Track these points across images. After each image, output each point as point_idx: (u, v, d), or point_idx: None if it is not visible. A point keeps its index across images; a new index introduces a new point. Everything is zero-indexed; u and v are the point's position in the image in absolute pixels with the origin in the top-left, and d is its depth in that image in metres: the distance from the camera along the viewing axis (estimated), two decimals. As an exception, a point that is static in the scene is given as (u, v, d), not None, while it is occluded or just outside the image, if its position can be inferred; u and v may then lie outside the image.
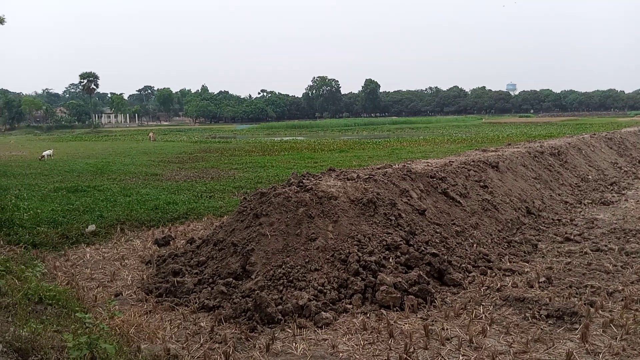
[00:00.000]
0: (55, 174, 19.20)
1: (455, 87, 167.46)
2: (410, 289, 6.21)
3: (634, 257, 7.91)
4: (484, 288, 6.61)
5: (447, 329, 5.41)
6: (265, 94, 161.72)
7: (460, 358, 4.83)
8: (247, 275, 6.60)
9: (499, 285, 6.62)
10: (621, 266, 7.47)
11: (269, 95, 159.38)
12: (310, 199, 7.38)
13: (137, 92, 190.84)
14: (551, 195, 12.84)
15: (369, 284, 6.28)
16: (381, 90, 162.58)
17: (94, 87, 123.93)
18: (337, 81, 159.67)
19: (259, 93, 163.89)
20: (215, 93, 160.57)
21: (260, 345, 5.12)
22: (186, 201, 12.69)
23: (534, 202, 11.58)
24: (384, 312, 5.88)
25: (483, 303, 6.14)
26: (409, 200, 8.47)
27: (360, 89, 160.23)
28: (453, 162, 11.82)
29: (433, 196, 9.22)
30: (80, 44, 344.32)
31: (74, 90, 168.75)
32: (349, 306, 6.01)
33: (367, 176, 8.59)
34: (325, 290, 6.18)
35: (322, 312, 5.70)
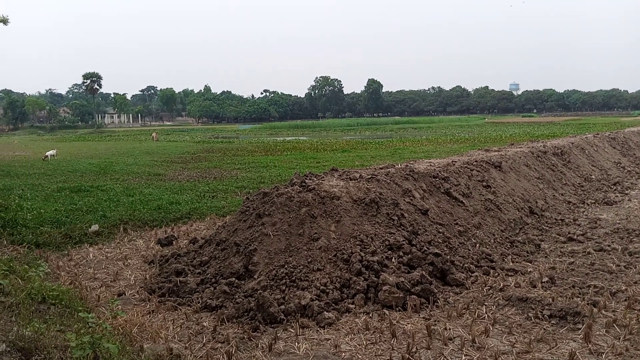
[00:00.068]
0: (59, 174, 19.24)
1: (458, 87, 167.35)
2: (412, 289, 6.20)
3: (637, 257, 7.89)
4: (486, 288, 6.60)
5: (450, 329, 5.40)
6: (267, 94, 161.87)
7: (463, 358, 4.82)
8: (250, 275, 6.61)
9: (501, 285, 6.61)
10: (624, 266, 7.44)
11: (272, 95, 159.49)
12: (312, 199, 7.38)
13: (140, 93, 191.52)
14: (554, 195, 12.81)
15: (371, 283, 6.28)
16: (384, 90, 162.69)
17: (97, 87, 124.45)
18: (340, 81, 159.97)
19: (262, 93, 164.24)
20: (218, 93, 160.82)
21: (262, 345, 5.12)
22: (189, 201, 12.71)
23: (537, 202, 11.56)
24: (387, 312, 5.87)
25: (486, 303, 6.13)
26: (411, 200, 8.46)
27: (363, 88, 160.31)
28: (456, 162, 11.81)
29: (436, 196, 9.21)
30: (83, 45, 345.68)
31: (77, 91, 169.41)
32: (351, 306, 6.01)
33: (369, 176, 8.58)
34: (327, 290, 6.18)
35: (325, 312, 5.70)
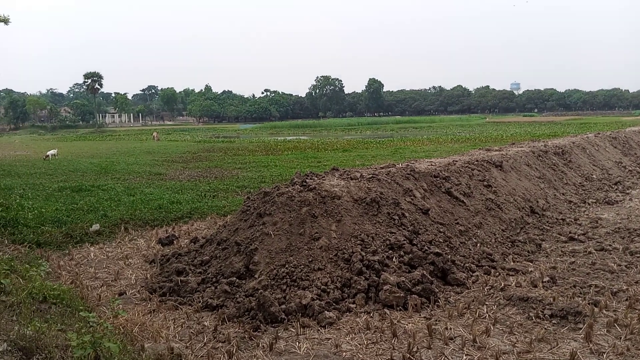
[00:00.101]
0: (60, 173, 19.27)
1: (459, 86, 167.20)
2: (413, 289, 6.20)
3: (638, 257, 7.88)
4: (487, 287, 6.59)
5: (451, 329, 5.40)
6: (268, 93, 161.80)
7: (464, 358, 4.82)
8: (251, 274, 6.61)
9: (502, 285, 6.60)
10: (625, 266, 7.44)
11: (273, 94, 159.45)
12: (313, 199, 7.37)
13: (140, 92, 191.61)
14: (555, 195, 12.80)
15: (372, 283, 6.27)
16: (385, 89, 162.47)
17: (98, 87, 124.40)
18: (341, 80, 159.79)
19: (263, 92, 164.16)
20: (219, 93, 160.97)
21: (263, 345, 5.13)
22: (190, 200, 12.71)
23: (537, 202, 11.55)
24: (388, 311, 5.87)
25: (487, 303, 6.13)
26: (412, 199, 8.45)
27: (364, 88, 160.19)
28: (457, 161, 11.80)
29: (437, 195, 9.21)
30: (84, 44, 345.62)
31: (78, 90, 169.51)
32: (352, 305, 6.01)
33: (370, 175, 8.58)
34: (328, 290, 6.18)
35: (326, 312, 5.70)
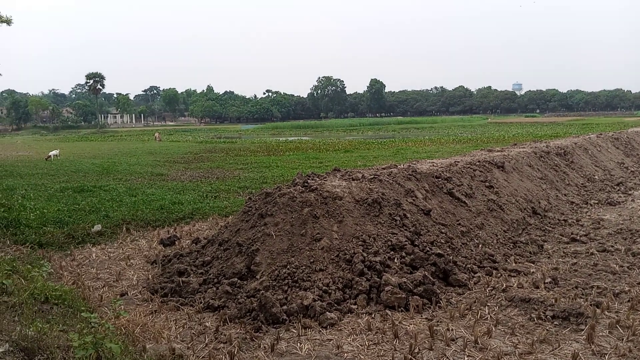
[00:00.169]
0: (62, 174, 19.29)
1: (461, 87, 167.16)
2: (415, 290, 6.20)
3: (640, 258, 7.86)
4: (489, 289, 6.58)
5: (452, 330, 5.39)
6: (270, 94, 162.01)
7: (466, 359, 4.82)
8: (252, 275, 6.61)
9: (504, 286, 6.59)
10: (627, 267, 7.42)
11: (274, 95, 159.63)
12: (315, 199, 7.37)
13: (142, 93, 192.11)
14: (557, 196, 12.78)
15: (373, 284, 6.27)
16: (386, 90, 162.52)
17: (100, 87, 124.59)
18: (342, 81, 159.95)
19: (264, 93, 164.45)
20: (221, 93, 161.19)
21: (265, 345, 5.13)
22: (191, 201, 12.72)
23: (539, 203, 11.53)
24: (389, 312, 5.87)
25: (488, 304, 6.12)
26: (414, 200, 8.45)
27: (366, 89, 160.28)
28: (458, 162, 11.79)
29: (438, 196, 9.20)
30: (86, 45, 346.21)
31: (80, 91, 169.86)
32: (353, 306, 6.01)
33: (372, 176, 8.57)
34: (330, 291, 6.17)
35: (327, 313, 5.70)
